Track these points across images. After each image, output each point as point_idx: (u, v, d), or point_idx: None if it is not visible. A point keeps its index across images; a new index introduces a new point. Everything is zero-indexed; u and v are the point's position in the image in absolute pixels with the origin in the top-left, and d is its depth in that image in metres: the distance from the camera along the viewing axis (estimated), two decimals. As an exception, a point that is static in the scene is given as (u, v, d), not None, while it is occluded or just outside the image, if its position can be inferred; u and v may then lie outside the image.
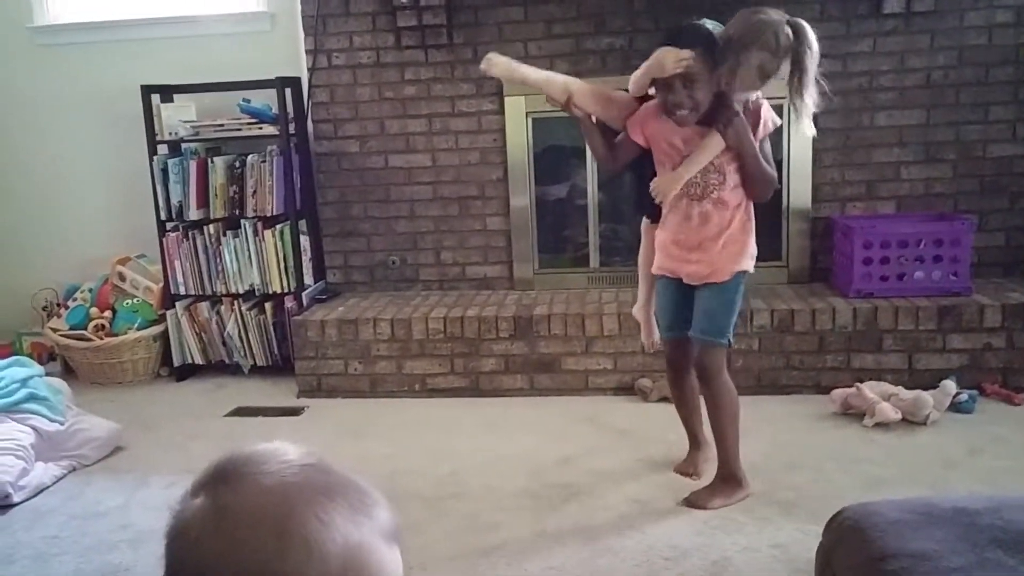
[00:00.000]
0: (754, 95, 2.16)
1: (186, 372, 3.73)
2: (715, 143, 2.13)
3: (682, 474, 2.49)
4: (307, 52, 3.62)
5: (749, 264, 2.27)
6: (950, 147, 3.39)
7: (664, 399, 2.88)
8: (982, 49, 3.31)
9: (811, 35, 2.03)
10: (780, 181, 3.40)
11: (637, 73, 2.18)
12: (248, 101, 3.56)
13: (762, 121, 2.17)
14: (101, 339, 3.63)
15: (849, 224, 3.27)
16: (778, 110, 3.26)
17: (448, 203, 3.69)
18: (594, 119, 2.28)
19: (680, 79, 2.07)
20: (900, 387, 2.89)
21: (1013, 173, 3.37)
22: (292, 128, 3.57)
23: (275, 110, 3.51)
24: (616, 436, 2.80)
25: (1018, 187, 3.37)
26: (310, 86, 3.64)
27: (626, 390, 3.17)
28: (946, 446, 2.64)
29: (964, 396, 2.86)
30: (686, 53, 2.04)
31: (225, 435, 3.02)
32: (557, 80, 2.25)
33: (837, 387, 2.97)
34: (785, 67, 2.04)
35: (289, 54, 3.68)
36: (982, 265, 3.33)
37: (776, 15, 2.05)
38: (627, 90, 2.27)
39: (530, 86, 2.29)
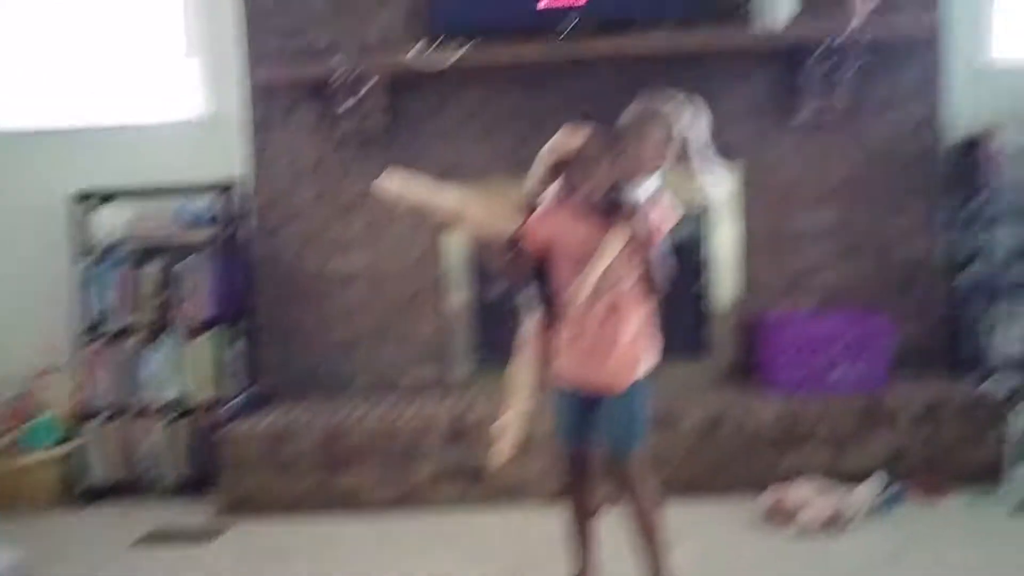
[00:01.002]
0: (653, 187, 2.18)
1: (99, 492, 3.56)
2: (619, 236, 2.14)
3: None
4: (247, 156, 3.64)
5: (652, 362, 2.26)
6: (865, 245, 3.53)
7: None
8: (892, 153, 3.48)
9: (701, 114, 2.15)
10: (708, 278, 3.55)
11: (534, 165, 2.21)
12: (185, 206, 3.54)
13: (663, 213, 2.18)
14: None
15: (773, 321, 3.35)
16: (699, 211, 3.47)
17: (386, 305, 3.68)
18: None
19: (581, 158, 2.13)
20: (828, 485, 2.91)
21: (924, 270, 3.51)
22: (229, 232, 3.55)
23: (213, 214, 3.49)
24: (556, 547, 2.73)
25: (929, 284, 3.51)
26: (250, 190, 3.64)
27: (562, 496, 3.12)
28: (872, 545, 2.65)
29: (890, 493, 2.90)
30: (585, 132, 2.13)
31: (132, 568, 2.86)
32: (449, 197, 2.24)
33: (767, 487, 2.98)
34: (679, 146, 2.14)
35: (229, 158, 3.68)
36: (899, 360, 3.41)
37: (667, 99, 2.16)
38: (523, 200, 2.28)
39: (422, 205, 2.23)
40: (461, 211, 2.22)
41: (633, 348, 2.22)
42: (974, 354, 3.42)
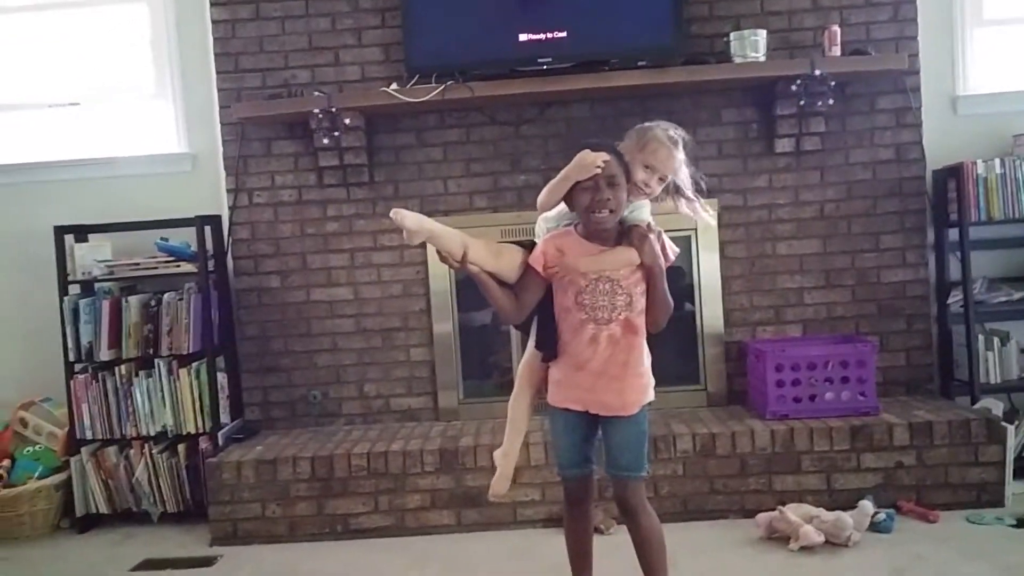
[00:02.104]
0: (649, 215, 2.25)
1: (90, 523, 3.52)
2: (629, 255, 2.16)
3: None
4: (228, 191, 3.66)
5: (652, 392, 2.26)
6: (847, 273, 3.60)
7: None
8: (868, 183, 3.58)
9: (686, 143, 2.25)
10: (694, 306, 3.60)
11: (552, 182, 2.18)
12: (166, 240, 3.55)
13: (667, 247, 2.22)
14: (-2, 490, 3.41)
15: (760, 348, 3.40)
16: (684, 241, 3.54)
17: (371, 335, 3.69)
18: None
19: (604, 179, 2.11)
20: (821, 508, 2.94)
21: (907, 297, 3.58)
22: (211, 265, 3.56)
23: (194, 248, 3.50)
24: (553, 572, 2.73)
25: (913, 310, 3.58)
26: (231, 224, 3.66)
27: (555, 522, 3.12)
28: (870, 568, 2.67)
29: (882, 516, 2.93)
30: (604, 154, 2.12)
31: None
32: (455, 235, 2.20)
33: (761, 511, 3.00)
34: (678, 166, 2.23)
35: (210, 193, 3.73)
36: (887, 384, 3.48)
37: (661, 125, 2.25)
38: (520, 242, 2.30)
39: (435, 239, 2.17)
40: (467, 248, 2.18)
41: (644, 374, 2.23)
42: (964, 376, 3.47)
